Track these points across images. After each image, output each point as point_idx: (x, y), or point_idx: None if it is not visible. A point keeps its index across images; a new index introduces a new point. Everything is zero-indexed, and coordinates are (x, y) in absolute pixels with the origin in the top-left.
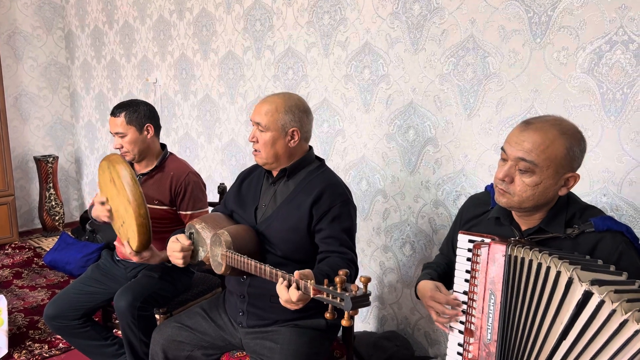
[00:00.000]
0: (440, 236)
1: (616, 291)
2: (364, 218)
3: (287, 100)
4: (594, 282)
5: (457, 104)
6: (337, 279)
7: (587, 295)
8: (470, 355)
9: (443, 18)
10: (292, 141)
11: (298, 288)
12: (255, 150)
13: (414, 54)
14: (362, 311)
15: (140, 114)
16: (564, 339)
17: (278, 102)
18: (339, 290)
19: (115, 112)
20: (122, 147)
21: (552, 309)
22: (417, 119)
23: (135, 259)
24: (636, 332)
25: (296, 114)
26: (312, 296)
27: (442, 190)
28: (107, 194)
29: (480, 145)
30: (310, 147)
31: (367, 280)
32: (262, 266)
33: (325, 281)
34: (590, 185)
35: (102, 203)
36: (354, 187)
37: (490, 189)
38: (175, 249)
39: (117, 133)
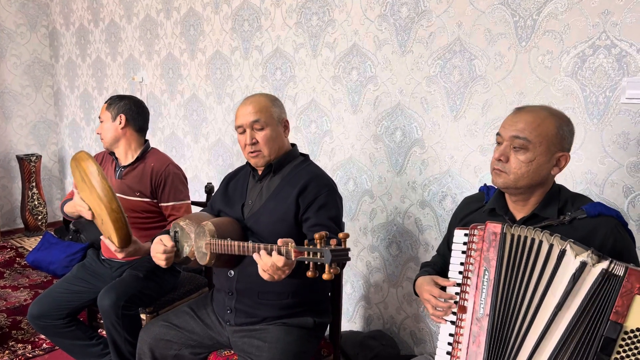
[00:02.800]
0: (426, 236)
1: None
2: (351, 218)
3: (267, 96)
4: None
5: (443, 106)
6: (316, 236)
7: (583, 266)
8: (462, 331)
9: (430, 21)
10: (286, 131)
11: (280, 253)
12: (256, 152)
13: (401, 56)
14: (349, 310)
15: (120, 104)
16: (560, 310)
17: (261, 99)
18: (318, 247)
19: (107, 100)
20: (100, 132)
21: (544, 280)
22: (404, 120)
23: (121, 256)
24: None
25: (280, 105)
26: (293, 258)
27: (428, 190)
28: (82, 193)
29: (466, 147)
30: (294, 144)
31: (346, 236)
32: (245, 244)
33: (305, 242)
34: (574, 187)
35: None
36: (341, 187)
37: (484, 189)
38: (158, 250)
39: (100, 118)
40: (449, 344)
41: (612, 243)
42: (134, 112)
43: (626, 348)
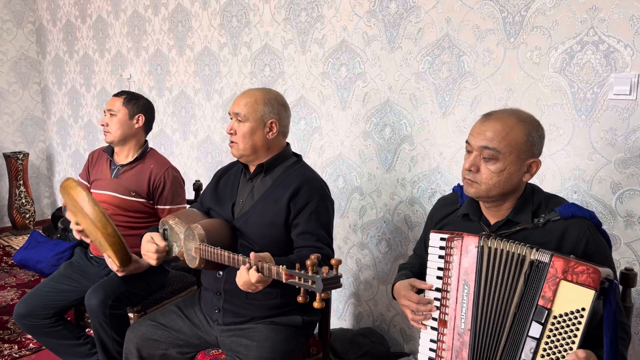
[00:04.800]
0: (416, 233)
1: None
2: (341, 215)
3: (266, 94)
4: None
5: (432, 102)
6: (308, 262)
7: (531, 264)
8: (444, 346)
9: (419, 17)
10: (271, 133)
11: (258, 270)
12: (232, 142)
13: (390, 52)
14: (339, 308)
15: (139, 102)
16: (518, 309)
17: (257, 94)
18: (310, 273)
19: (119, 93)
20: (107, 125)
21: (514, 289)
22: (394, 117)
23: (122, 274)
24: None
25: (275, 106)
26: (284, 281)
27: (417, 187)
28: (77, 217)
29: (455, 143)
30: (288, 144)
31: (338, 262)
32: (235, 256)
33: (297, 265)
34: (562, 183)
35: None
36: (331, 184)
37: (457, 189)
38: (150, 250)
39: (109, 110)
40: (431, 350)
41: (584, 245)
42: (150, 115)
43: (555, 332)
